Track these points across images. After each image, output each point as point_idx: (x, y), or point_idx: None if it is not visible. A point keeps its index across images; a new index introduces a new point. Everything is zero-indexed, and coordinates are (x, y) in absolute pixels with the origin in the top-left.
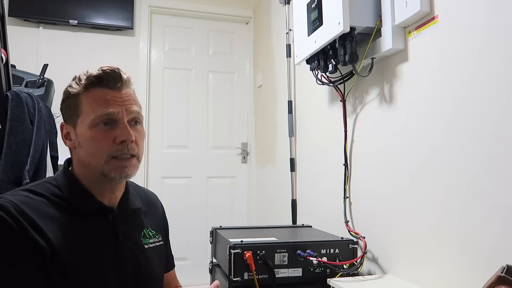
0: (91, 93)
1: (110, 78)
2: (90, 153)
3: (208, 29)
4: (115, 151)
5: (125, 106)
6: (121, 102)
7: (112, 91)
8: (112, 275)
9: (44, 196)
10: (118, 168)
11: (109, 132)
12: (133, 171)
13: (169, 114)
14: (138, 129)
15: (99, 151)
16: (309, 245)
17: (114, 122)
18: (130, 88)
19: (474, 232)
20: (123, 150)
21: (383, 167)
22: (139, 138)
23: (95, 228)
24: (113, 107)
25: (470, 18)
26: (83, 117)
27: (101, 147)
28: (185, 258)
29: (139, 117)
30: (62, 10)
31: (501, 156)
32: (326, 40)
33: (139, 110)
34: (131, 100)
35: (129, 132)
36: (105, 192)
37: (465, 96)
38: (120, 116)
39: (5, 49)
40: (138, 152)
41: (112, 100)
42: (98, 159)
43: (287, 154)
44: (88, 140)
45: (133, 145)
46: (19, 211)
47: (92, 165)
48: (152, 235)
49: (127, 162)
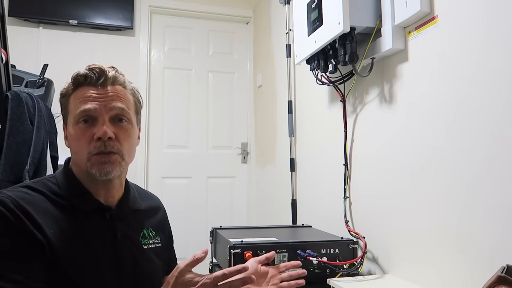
0: (78, 92)
1: (93, 75)
2: (74, 151)
3: (208, 29)
4: (93, 149)
5: (105, 102)
6: (101, 98)
7: (94, 88)
8: (109, 273)
9: (43, 193)
10: (98, 164)
11: (89, 129)
12: (114, 168)
13: (169, 114)
14: (122, 126)
15: (81, 149)
16: (309, 245)
17: (94, 119)
18: (120, 85)
19: (474, 232)
20: (101, 147)
21: (383, 167)
22: (123, 135)
23: (93, 227)
24: (91, 103)
25: (470, 18)
26: (70, 116)
27: (82, 145)
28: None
29: (123, 114)
30: (62, 10)
31: (501, 156)
32: (326, 40)
33: (124, 107)
34: (114, 97)
35: (105, 129)
36: (99, 190)
37: (465, 96)
38: (98, 112)
39: (5, 49)
40: (120, 149)
41: (92, 97)
42: (81, 157)
43: (287, 154)
44: (72, 138)
45: (112, 142)
46: (17, 206)
47: (78, 163)
48: (152, 236)
49: (106, 158)
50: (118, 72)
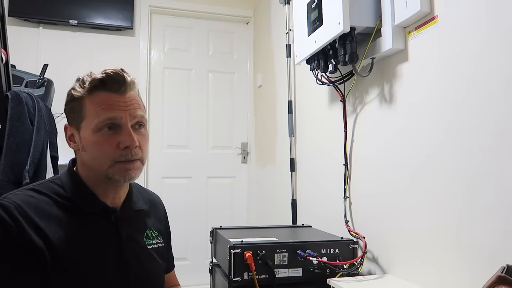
0: (95, 97)
1: (113, 82)
2: (94, 157)
3: (208, 29)
4: (118, 156)
5: (129, 110)
6: (124, 106)
7: (115, 95)
8: (114, 275)
9: (47, 196)
10: (122, 171)
11: (113, 137)
12: (137, 174)
13: (169, 114)
14: (142, 132)
15: (103, 156)
16: (309, 245)
17: (117, 127)
18: (134, 91)
19: (474, 232)
20: (127, 155)
21: (383, 167)
22: (143, 141)
23: (98, 229)
24: (117, 111)
25: (470, 18)
26: (87, 121)
27: (105, 152)
28: (185, 258)
29: (143, 121)
30: (62, 10)
31: (501, 156)
32: (326, 40)
33: (143, 113)
34: (135, 104)
35: (133, 138)
36: (109, 193)
37: (465, 96)
38: (123, 121)
39: (5, 49)
40: (142, 155)
41: (116, 104)
42: (102, 164)
43: (287, 154)
44: (91, 144)
45: (137, 150)
46: (21, 212)
47: (95, 168)
48: (155, 236)
49: (130, 165)
50: (131, 77)
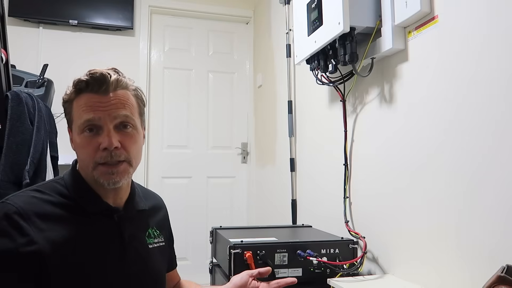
0: (80, 99)
1: (95, 82)
2: (81, 159)
3: (208, 29)
4: (99, 158)
5: (109, 111)
6: (104, 107)
7: (97, 96)
8: (117, 274)
9: (51, 196)
10: (105, 175)
11: (94, 138)
12: (122, 177)
13: (169, 114)
14: (128, 133)
15: (86, 158)
16: (309, 245)
17: (99, 128)
18: (122, 89)
19: (474, 232)
20: (107, 157)
21: (383, 167)
22: (128, 142)
23: (101, 229)
24: (95, 112)
25: (470, 18)
26: (74, 124)
27: (88, 154)
28: (185, 258)
29: (127, 121)
30: (62, 10)
31: (501, 156)
32: (326, 40)
33: (128, 113)
34: (118, 104)
35: (111, 139)
36: (109, 193)
37: (465, 96)
38: (102, 121)
39: (5, 49)
40: (128, 157)
41: (95, 105)
42: (87, 165)
43: (287, 154)
44: (77, 146)
45: (118, 151)
46: (23, 215)
47: (85, 170)
48: (157, 235)
49: (114, 168)
50: (120, 75)
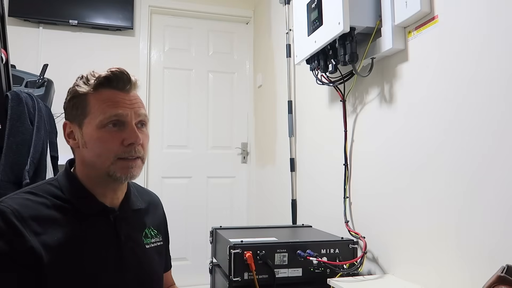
0: (100, 94)
1: (119, 80)
2: (97, 154)
3: (208, 29)
4: (122, 153)
5: (134, 109)
6: (129, 104)
7: (121, 93)
8: (114, 275)
9: (45, 198)
10: (124, 169)
11: (117, 133)
12: (138, 172)
13: (169, 114)
14: (144, 131)
15: (106, 152)
16: (309, 245)
17: (122, 124)
18: (137, 91)
19: (474, 232)
20: (131, 152)
21: (383, 167)
22: (145, 140)
23: (97, 229)
24: (122, 109)
25: (470, 18)
26: (91, 118)
27: (109, 148)
28: (185, 258)
29: (145, 120)
30: (62, 10)
31: (501, 156)
32: (326, 40)
33: (146, 112)
34: (139, 103)
35: (138, 135)
36: (107, 192)
37: (465, 96)
38: (128, 118)
39: (5, 49)
40: (143, 154)
41: (122, 101)
42: (105, 160)
43: (287, 154)
44: (95, 140)
45: (139, 147)
46: (18, 217)
47: (97, 165)
48: (154, 235)
49: (133, 163)
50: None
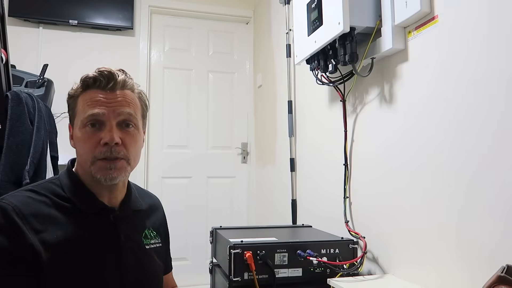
0: (86, 94)
1: (102, 79)
2: (80, 154)
3: (208, 29)
4: (99, 153)
5: (114, 107)
6: (110, 103)
7: (103, 92)
8: (113, 275)
9: (46, 196)
10: (103, 170)
11: (96, 133)
12: (119, 174)
13: (169, 114)
14: (129, 132)
15: (86, 152)
16: (309, 245)
17: (101, 124)
18: (128, 90)
19: (474, 232)
20: (107, 152)
21: (383, 167)
22: (129, 141)
23: (97, 228)
24: (100, 108)
25: (470, 18)
26: (77, 118)
27: (87, 149)
28: (185, 258)
29: (130, 119)
30: (62, 10)
31: (501, 156)
32: (326, 40)
33: (132, 112)
34: (123, 102)
35: (112, 134)
36: (104, 192)
37: (465, 96)
38: (106, 117)
39: (5, 49)
40: (126, 155)
41: (101, 101)
42: (86, 160)
43: (287, 154)
44: (78, 140)
45: (118, 148)
46: (19, 214)
47: (83, 166)
48: (154, 236)
49: (112, 164)
50: (127, 76)
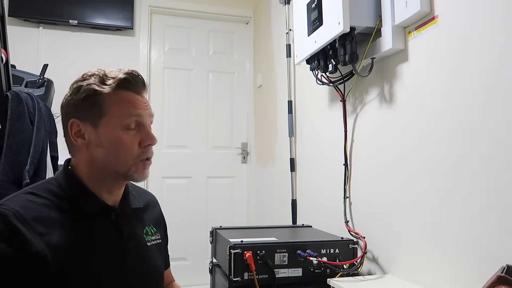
0: (120, 95)
1: (136, 82)
2: (116, 155)
3: (208, 29)
4: (142, 154)
5: (148, 110)
6: (145, 106)
7: (138, 95)
8: (117, 273)
9: (46, 198)
10: (143, 170)
11: (136, 135)
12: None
13: (169, 114)
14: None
15: (128, 154)
16: (309, 245)
17: (139, 125)
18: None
19: (474, 232)
20: (148, 153)
21: (383, 167)
22: None
23: (99, 228)
24: (141, 110)
25: (470, 18)
26: (110, 118)
27: (131, 150)
28: (185, 258)
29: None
30: (62, 10)
31: (501, 156)
32: (326, 40)
33: None
34: (149, 105)
35: (154, 136)
36: (104, 191)
37: (465, 96)
38: (145, 120)
39: (5, 49)
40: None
41: (140, 103)
42: (125, 161)
43: (287, 154)
44: (115, 141)
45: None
46: (21, 219)
47: (112, 165)
48: (154, 232)
49: (149, 163)
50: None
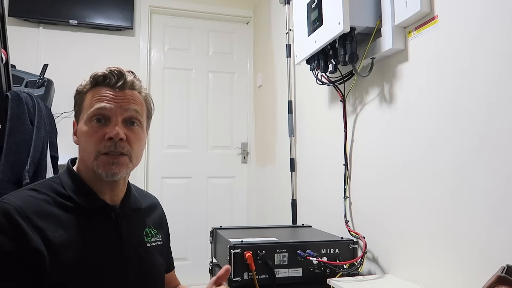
0: (94, 90)
1: (112, 77)
2: (83, 149)
3: (208, 29)
4: (103, 148)
5: (121, 103)
6: (118, 100)
7: (112, 90)
8: (115, 272)
9: (47, 195)
10: (105, 165)
11: (101, 128)
12: (121, 170)
13: (169, 114)
14: (134, 129)
15: (90, 147)
16: (309, 245)
17: (107, 119)
18: (136, 91)
19: (474, 232)
20: (111, 147)
21: (383, 167)
22: (133, 138)
23: (99, 226)
24: (107, 103)
25: (470, 18)
26: (83, 113)
27: (92, 143)
28: (185, 258)
29: (136, 117)
30: (62, 10)
31: (501, 156)
32: (326, 40)
33: (138, 109)
34: (130, 99)
35: (117, 130)
36: (105, 190)
37: (465, 96)
38: (112, 112)
39: (5, 49)
40: (130, 151)
41: (109, 97)
42: (89, 155)
43: (287, 154)
44: (82, 135)
45: (122, 143)
46: (21, 213)
47: (85, 161)
48: (154, 234)
49: (114, 159)
50: (136, 78)
